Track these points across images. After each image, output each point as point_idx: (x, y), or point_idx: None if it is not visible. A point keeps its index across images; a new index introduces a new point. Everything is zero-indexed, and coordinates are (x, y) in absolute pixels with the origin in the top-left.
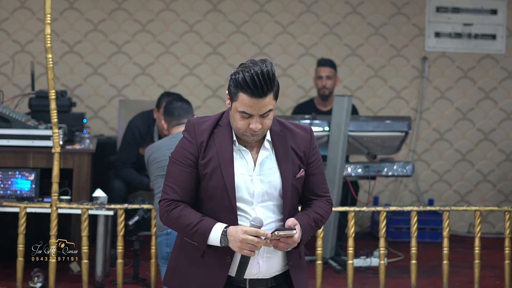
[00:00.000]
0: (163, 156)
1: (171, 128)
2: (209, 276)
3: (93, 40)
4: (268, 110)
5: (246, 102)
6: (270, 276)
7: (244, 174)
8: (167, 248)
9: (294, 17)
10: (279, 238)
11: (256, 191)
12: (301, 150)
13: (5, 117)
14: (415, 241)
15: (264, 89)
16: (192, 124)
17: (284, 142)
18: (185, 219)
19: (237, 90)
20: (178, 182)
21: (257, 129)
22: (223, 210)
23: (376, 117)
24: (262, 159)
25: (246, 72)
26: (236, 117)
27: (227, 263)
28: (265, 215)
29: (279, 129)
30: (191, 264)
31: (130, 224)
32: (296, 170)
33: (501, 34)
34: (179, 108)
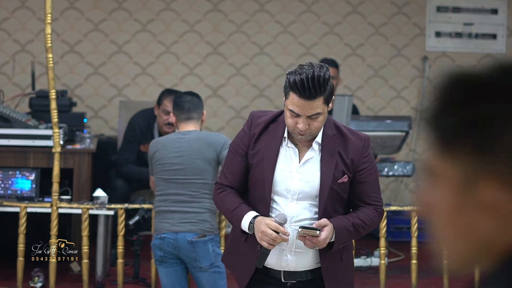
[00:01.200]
0: (168, 159)
1: (179, 123)
2: (246, 261)
3: (94, 40)
4: (316, 113)
5: (295, 101)
6: (304, 269)
7: (285, 170)
8: (160, 252)
9: (295, 17)
10: (305, 235)
11: (293, 187)
12: (349, 157)
13: (6, 116)
14: (415, 241)
15: (312, 92)
16: (252, 116)
17: (333, 146)
18: (227, 203)
19: (289, 89)
20: (229, 168)
21: (304, 129)
22: (260, 201)
23: (376, 117)
24: (307, 159)
25: (299, 74)
26: (286, 114)
27: (257, 251)
28: (298, 212)
29: (332, 134)
30: (238, 247)
31: (130, 224)
32: (338, 175)
33: (502, 34)
34: (188, 102)
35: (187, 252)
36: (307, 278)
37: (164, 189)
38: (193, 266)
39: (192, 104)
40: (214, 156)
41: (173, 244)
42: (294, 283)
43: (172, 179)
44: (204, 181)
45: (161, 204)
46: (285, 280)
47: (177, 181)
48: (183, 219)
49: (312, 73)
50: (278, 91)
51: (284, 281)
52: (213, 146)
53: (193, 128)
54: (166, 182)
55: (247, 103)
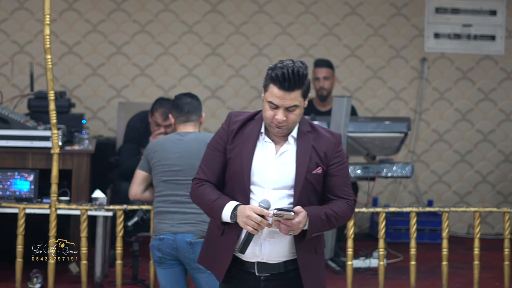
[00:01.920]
0: (167, 160)
1: (178, 125)
2: (222, 253)
3: (92, 41)
4: (293, 105)
5: (275, 93)
6: (277, 261)
7: (262, 161)
8: (158, 253)
9: (293, 18)
10: (279, 218)
11: (270, 177)
12: (323, 150)
13: (4, 118)
14: (414, 242)
15: (291, 84)
16: (230, 115)
17: (308, 141)
18: (206, 196)
19: (269, 82)
20: (207, 164)
21: (281, 120)
22: (239, 192)
23: (375, 118)
24: (283, 151)
25: (280, 67)
26: (265, 107)
27: (234, 241)
28: (275, 201)
29: (307, 130)
30: (214, 243)
31: (129, 225)
32: (312, 166)
33: (501, 35)
34: (188, 104)
35: (186, 253)
36: (280, 271)
37: (163, 190)
38: (192, 267)
39: (191, 107)
40: None
41: (172, 245)
42: (267, 276)
43: (171, 180)
44: None
45: (160, 205)
46: (259, 273)
47: (176, 182)
48: (182, 220)
49: (292, 67)
50: None
51: (258, 275)
52: None
53: (192, 130)
54: (165, 183)
55: (245, 104)
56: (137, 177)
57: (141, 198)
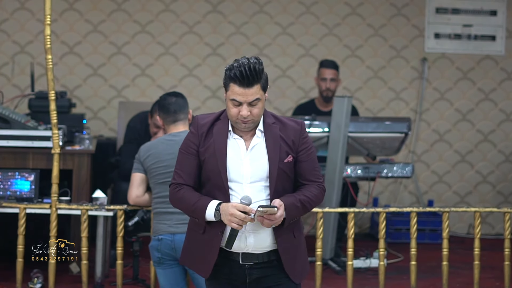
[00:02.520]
0: (162, 162)
1: (167, 126)
2: (207, 249)
3: (93, 41)
4: (255, 99)
5: (236, 91)
6: (260, 252)
7: (235, 158)
8: (157, 253)
9: (294, 18)
10: (263, 214)
11: (245, 172)
12: (290, 139)
13: (5, 118)
14: (414, 242)
15: (250, 80)
16: (197, 119)
17: (275, 132)
18: (186, 199)
19: (229, 81)
20: (182, 168)
21: (246, 116)
22: (218, 190)
23: (375, 118)
24: (253, 145)
25: (236, 67)
26: (229, 106)
27: (218, 236)
28: (253, 195)
29: (272, 121)
30: (196, 242)
31: (129, 225)
32: (283, 156)
33: (501, 35)
34: (174, 104)
35: None
36: (263, 260)
37: (160, 192)
38: None
39: (177, 106)
40: None
41: (170, 245)
42: (251, 265)
43: (168, 181)
44: None
45: (158, 206)
46: (243, 262)
47: None
48: (180, 221)
49: (248, 63)
50: (276, 92)
51: (242, 263)
52: None
53: (183, 129)
54: (162, 184)
55: None
56: (135, 180)
57: (142, 201)
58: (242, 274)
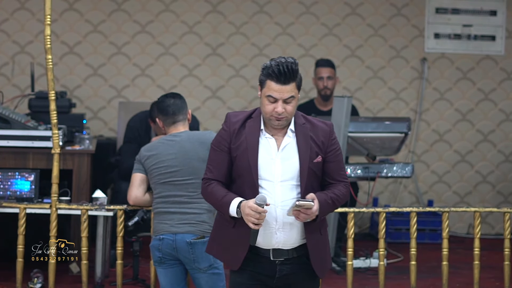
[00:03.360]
0: (163, 162)
1: (167, 127)
2: (237, 243)
3: (93, 41)
4: (290, 96)
5: (273, 87)
6: (290, 247)
7: (267, 156)
8: (158, 253)
9: (294, 18)
10: (300, 209)
11: (276, 171)
12: (320, 140)
13: (5, 118)
14: (414, 242)
15: (287, 77)
16: (229, 116)
17: (305, 132)
18: (215, 194)
19: (266, 78)
20: (213, 164)
21: (281, 112)
22: (248, 187)
23: (375, 118)
24: (284, 145)
25: (274, 65)
26: (264, 103)
27: (248, 231)
28: (284, 193)
29: (302, 122)
30: (226, 235)
31: (129, 225)
32: (313, 155)
33: (501, 35)
34: (172, 105)
35: (185, 253)
36: (293, 256)
37: (161, 192)
38: (192, 267)
39: (176, 107)
40: (208, 154)
41: (171, 245)
42: (282, 261)
43: (169, 181)
44: (200, 180)
45: (159, 206)
46: (274, 258)
47: (174, 183)
48: (181, 220)
49: (285, 62)
50: None
51: (273, 259)
52: (206, 145)
53: (182, 129)
54: (163, 184)
55: (246, 104)
56: (135, 180)
57: (142, 201)
58: (272, 270)
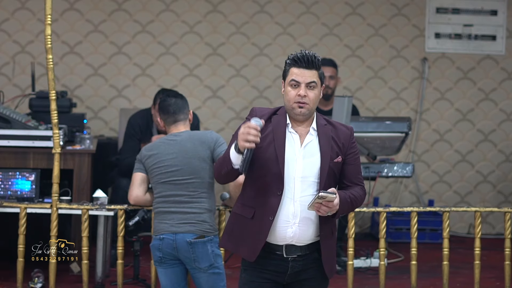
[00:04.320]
0: (163, 162)
1: (168, 126)
2: (255, 234)
3: (94, 41)
4: (312, 80)
5: (295, 72)
6: (303, 244)
7: (291, 151)
8: (159, 253)
9: (294, 18)
10: (322, 201)
11: (298, 167)
12: (341, 141)
13: (6, 117)
14: (415, 242)
15: (310, 61)
16: (255, 110)
17: (327, 132)
18: (220, 157)
19: (289, 67)
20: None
21: (303, 96)
22: (273, 177)
23: (376, 118)
24: (307, 142)
25: (297, 53)
26: (287, 90)
27: (269, 221)
28: (303, 189)
29: (324, 123)
30: (243, 226)
31: (130, 225)
32: (334, 155)
33: (501, 35)
34: (173, 105)
35: (186, 253)
36: (305, 253)
37: (162, 191)
38: (192, 267)
39: (176, 107)
40: (208, 154)
41: (172, 245)
42: (294, 257)
43: (169, 181)
44: (201, 180)
45: (160, 206)
46: (287, 255)
47: (174, 182)
48: (182, 220)
49: (308, 52)
50: (277, 92)
51: (286, 256)
52: (206, 144)
53: (183, 129)
54: (164, 184)
55: (246, 104)
56: (136, 179)
57: (143, 201)
58: (284, 267)
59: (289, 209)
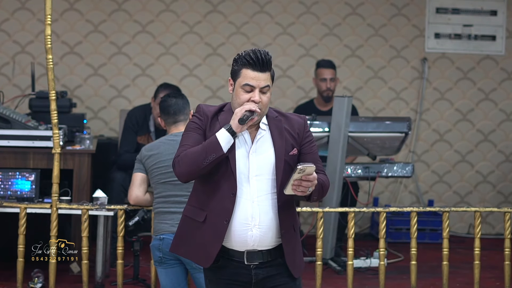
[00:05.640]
0: (163, 162)
1: (168, 127)
2: (208, 238)
3: (93, 41)
4: (266, 85)
5: (249, 75)
6: (265, 248)
7: (241, 150)
8: (159, 253)
9: (294, 18)
10: (302, 174)
11: (251, 165)
12: (295, 132)
13: (6, 117)
14: (415, 242)
15: (264, 64)
16: (201, 106)
17: (279, 124)
18: (191, 149)
19: (240, 67)
20: (188, 142)
21: (258, 101)
22: (225, 180)
23: (376, 118)
24: (259, 137)
25: (248, 53)
26: (239, 93)
27: (224, 225)
28: (259, 187)
29: (275, 115)
30: (195, 230)
31: (130, 225)
32: (289, 148)
33: (501, 35)
34: (173, 105)
35: None
36: (268, 259)
37: (162, 191)
38: (192, 267)
39: (177, 107)
40: None
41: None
42: (256, 265)
43: (169, 181)
44: None
45: (160, 206)
46: (248, 262)
47: (174, 182)
48: None
49: (259, 50)
50: (277, 92)
51: (247, 263)
52: None
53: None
54: (163, 184)
55: None
56: (136, 179)
57: (143, 201)
58: (247, 275)
59: (247, 211)
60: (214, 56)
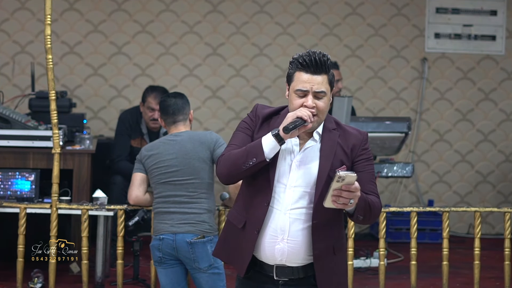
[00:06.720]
0: (163, 162)
1: (168, 126)
2: (243, 248)
3: (93, 41)
4: (321, 90)
5: (302, 78)
6: (296, 265)
7: (285, 158)
8: (158, 253)
9: (294, 18)
10: (341, 183)
11: (292, 175)
12: (349, 147)
13: (5, 117)
14: (415, 242)
15: (318, 66)
16: (256, 106)
17: (333, 138)
18: (235, 151)
19: (294, 70)
20: (237, 143)
21: (311, 106)
22: (262, 185)
23: (376, 118)
24: (307, 147)
25: (304, 55)
26: (292, 98)
27: (254, 235)
28: (294, 199)
29: (332, 127)
30: (235, 236)
31: (130, 225)
32: (337, 164)
33: (501, 35)
34: (173, 105)
35: (185, 253)
36: (299, 276)
37: (162, 191)
38: (192, 267)
39: (176, 107)
40: (208, 154)
41: (171, 245)
42: (286, 281)
43: (169, 181)
44: (201, 180)
45: (159, 206)
46: (277, 277)
47: (174, 182)
48: (182, 220)
49: (315, 52)
50: (277, 92)
51: (276, 278)
52: (206, 145)
53: (183, 129)
54: (163, 184)
55: (246, 104)
56: (136, 179)
57: (143, 201)
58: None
59: (278, 222)
60: (214, 56)
